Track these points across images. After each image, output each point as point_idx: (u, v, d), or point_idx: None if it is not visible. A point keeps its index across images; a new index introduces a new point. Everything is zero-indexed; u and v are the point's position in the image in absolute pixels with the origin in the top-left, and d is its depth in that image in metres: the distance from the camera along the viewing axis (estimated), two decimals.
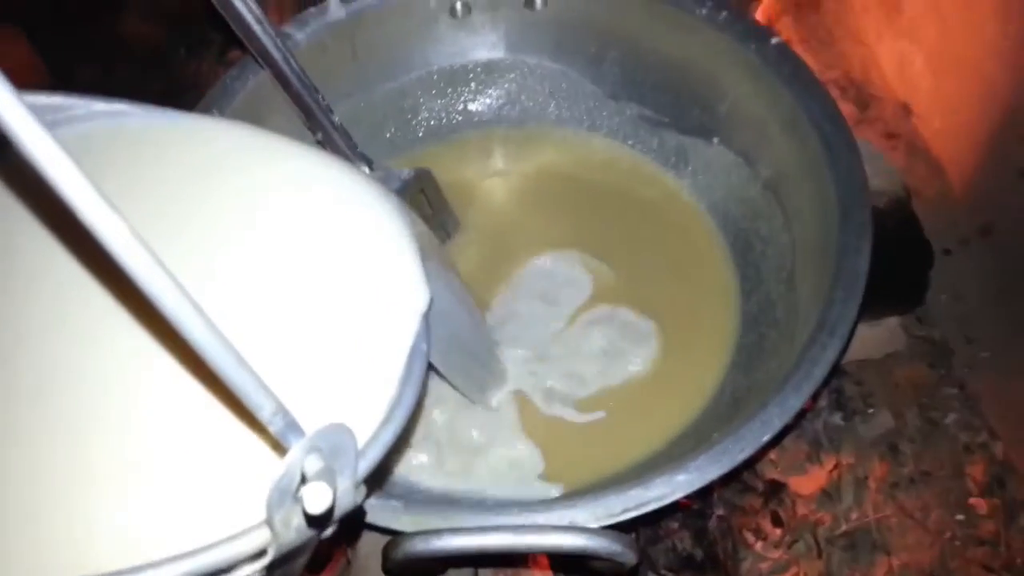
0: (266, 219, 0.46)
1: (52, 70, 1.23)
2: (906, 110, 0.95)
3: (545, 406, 0.75)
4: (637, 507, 0.54)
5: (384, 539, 0.51)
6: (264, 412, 0.29)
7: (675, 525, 0.78)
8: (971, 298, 0.84)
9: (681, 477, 0.55)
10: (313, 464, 0.31)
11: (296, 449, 0.30)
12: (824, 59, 1.04)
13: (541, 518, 0.54)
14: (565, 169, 0.91)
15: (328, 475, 0.31)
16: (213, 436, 0.39)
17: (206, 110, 0.75)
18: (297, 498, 0.31)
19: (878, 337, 0.82)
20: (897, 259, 0.78)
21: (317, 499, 0.30)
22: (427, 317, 0.44)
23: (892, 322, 0.82)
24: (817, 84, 0.73)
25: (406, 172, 0.73)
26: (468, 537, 0.47)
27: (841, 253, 0.63)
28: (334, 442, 0.32)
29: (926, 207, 0.85)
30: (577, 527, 0.49)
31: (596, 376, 0.76)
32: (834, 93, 0.96)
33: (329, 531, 0.37)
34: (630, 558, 0.48)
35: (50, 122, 0.44)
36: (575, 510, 0.54)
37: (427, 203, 0.79)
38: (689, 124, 0.87)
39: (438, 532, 0.47)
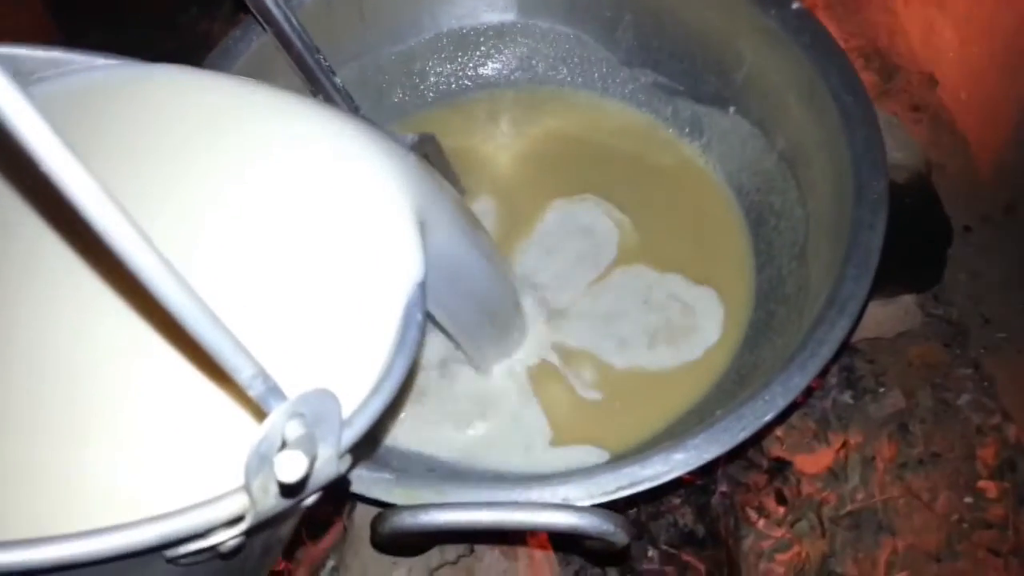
0: (258, 177, 0.45)
1: (63, 31, 1.22)
2: (932, 81, 0.91)
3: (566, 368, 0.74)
4: (632, 485, 0.53)
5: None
6: (243, 375, 0.29)
7: (677, 501, 0.77)
8: (990, 277, 0.81)
9: (679, 455, 0.54)
10: (294, 430, 0.30)
11: (276, 413, 0.29)
12: (848, 26, 1.00)
13: (534, 494, 0.53)
14: (577, 133, 0.89)
15: (308, 442, 0.30)
16: (199, 402, 0.39)
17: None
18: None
19: (892, 315, 0.80)
20: (914, 236, 0.76)
21: (291, 467, 0.29)
22: (423, 286, 0.43)
23: (907, 300, 0.80)
24: (838, 52, 0.70)
25: (409, 137, 0.72)
26: (455, 513, 0.46)
27: (855, 228, 0.61)
28: (317, 409, 0.31)
29: (948, 182, 0.83)
30: (567, 505, 0.48)
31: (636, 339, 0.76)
32: (858, 62, 0.94)
33: (310, 500, 0.37)
34: (622, 538, 0.47)
35: (38, 78, 0.43)
36: (568, 486, 0.53)
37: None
38: (705, 92, 0.84)
39: (425, 507, 0.46)
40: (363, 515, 0.67)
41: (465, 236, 0.54)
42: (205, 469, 0.37)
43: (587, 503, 0.53)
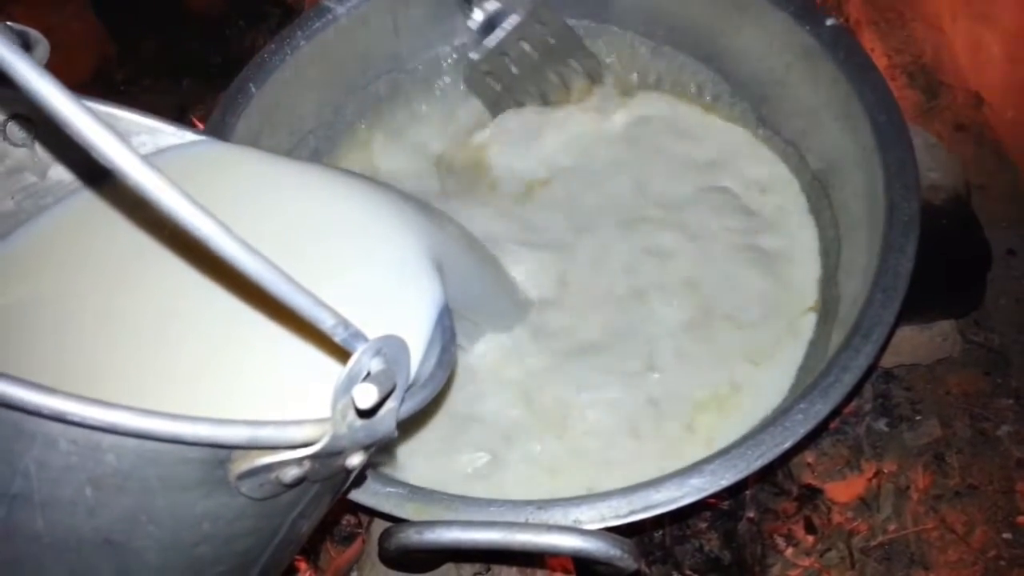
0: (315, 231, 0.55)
1: (117, 41, 1.26)
2: (978, 99, 0.89)
3: None
4: (645, 509, 0.53)
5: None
6: (327, 324, 0.34)
7: (703, 525, 0.76)
8: None
9: (694, 480, 0.53)
10: (377, 364, 0.36)
11: (364, 347, 0.35)
12: (893, 42, 0.98)
13: (546, 515, 0.53)
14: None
15: (386, 378, 0.36)
16: (302, 359, 0.46)
17: (243, 85, 0.75)
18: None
19: (930, 341, 0.77)
20: (952, 259, 0.73)
21: (367, 395, 0.35)
22: (446, 305, 0.53)
23: (946, 326, 0.77)
24: (873, 69, 0.69)
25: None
26: (460, 531, 0.46)
27: (884, 252, 0.60)
28: (395, 351, 0.37)
29: (992, 204, 0.80)
30: (572, 528, 0.47)
31: None
32: (901, 79, 0.91)
33: (357, 460, 0.41)
34: (629, 563, 0.46)
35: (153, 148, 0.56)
36: (581, 509, 0.53)
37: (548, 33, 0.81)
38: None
39: (431, 524, 0.46)
40: (380, 530, 0.67)
41: (469, 255, 0.66)
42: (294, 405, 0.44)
43: (599, 526, 0.52)
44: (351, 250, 0.53)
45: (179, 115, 1.15)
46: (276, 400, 0.45)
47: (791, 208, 0.78)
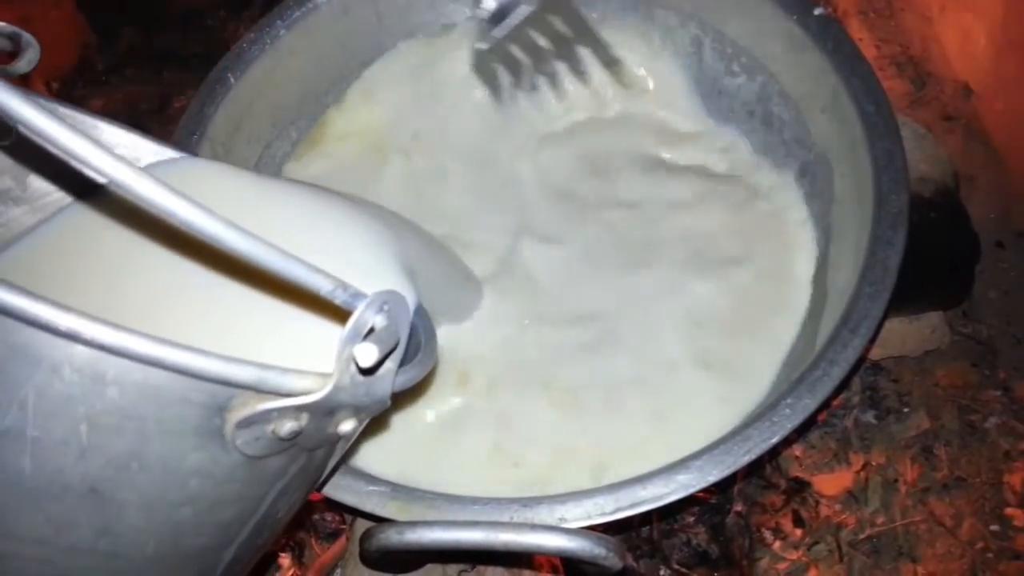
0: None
1: (96, 30, 1.23)
2: (966, 90, 0.88)
3: None
4: (631, 506, 0.52)
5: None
6: (325, 289, 0.36)
7: (691, 519, 0.76)
8: (1023, 295, 0.78)
9: (681, 476, 0.53)
10: (380, 321, 0.37)
11: (367, 301, 0.36)
12: (881, 33, 0.97)
13: (530, 513, 0.52)
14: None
15: (389, 335, 0.37)
16: (306, 335, 0.49)
17: (222, 75, 0.73)
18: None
19: (918, 333, 0.77)
20: (941, 251, 0.73)
21: (368, 354, 0.36)
22: (419, 304, 0.56)
23: (934, 318, 0.77)
24: (861, 59, 0.68)
25: None
26: (443, 532, 0.45)
27: (872, 245, 0.59)
28: (396, 305, 0.38)
29: (980, 196, 0.80)
30: (556, 527, 0.46)
31: None
32: (890, 70, 0.91)
33: (348, 427, 0.42)
34: (614, 563, 0.45)
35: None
36: (567, 506, 0.52)
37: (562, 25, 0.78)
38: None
39: (412, 525, 0.45)
40: (363, 528, 0.66)
41: (434, 259, 0.70)
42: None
43: (584, 524, 0.51)
44: (330, 257, 0.54)
45: (161, 105, 1.13)
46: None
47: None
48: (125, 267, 0.54)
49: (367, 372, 0.39)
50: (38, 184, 0.55)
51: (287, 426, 0.38)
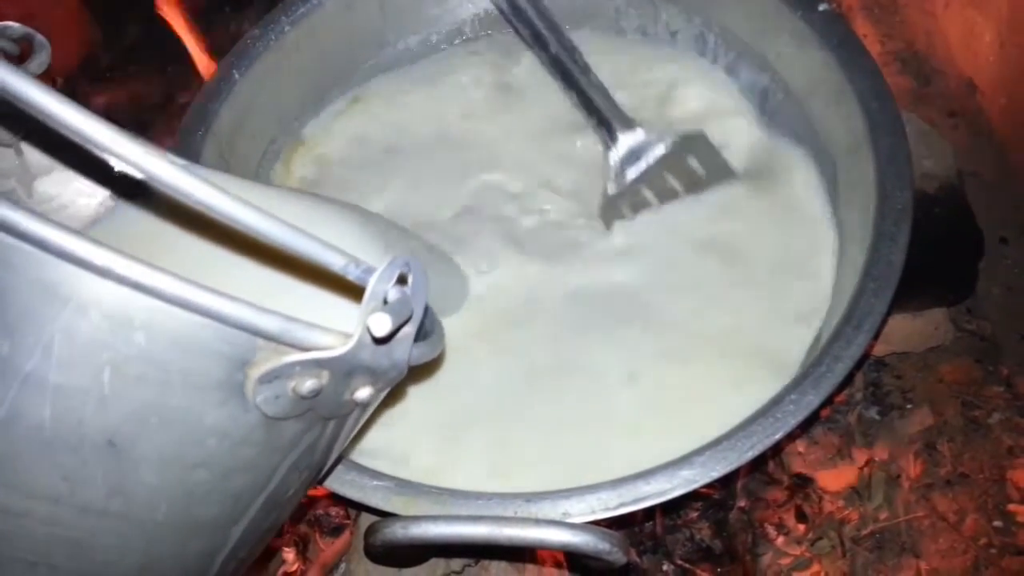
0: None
1: (100, 25, 1.24)
2: (971, 86, 0.88)
3: None
4: (635, 501, 0.52)
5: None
6: (337, 266, 0.37)
7: (694, 515, 0.76)
8: None
9: (684, 472, 0.53)
10: (395, 294, 0.38)
11: (381, 271, 0.37)
12: (885, 28, 0.97)
13: (534, 508, 0.52)
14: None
15: (405, 305, 0.39)
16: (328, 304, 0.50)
17: (226, 72, 0.74)
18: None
19: (922, 329, 0.77)
20: (945, 247, 0.73)
21: (380, 323, 0.37)
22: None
23: (938, 314, 0.77)
24: (865, 55, 0.68)
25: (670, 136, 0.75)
26: (447, 527, 0.45)
27: (876, 241, 0.59)
28: (413, 272, 0.39)
29: (984, 192, 0.79)
30: (560, 522, 0.46)
31: None
32: (894, 66, 0.91)
33: (365, 394, 0.42)
34: (618, 557, 0.45)
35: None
36: (571, 501, 0.52)
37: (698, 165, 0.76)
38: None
39: (416, 520, 0.46)
40: (368, 522, 0.66)
41: (429, 262, 0.70)
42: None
43: (588, 519, 0.52)
44: None
45: (165, 101, 1.13)
46: None
47: None
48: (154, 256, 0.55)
49: (382, 341, 0.39)
50: (44, 188, 0.55)
51: (308, 383, 0.38)
